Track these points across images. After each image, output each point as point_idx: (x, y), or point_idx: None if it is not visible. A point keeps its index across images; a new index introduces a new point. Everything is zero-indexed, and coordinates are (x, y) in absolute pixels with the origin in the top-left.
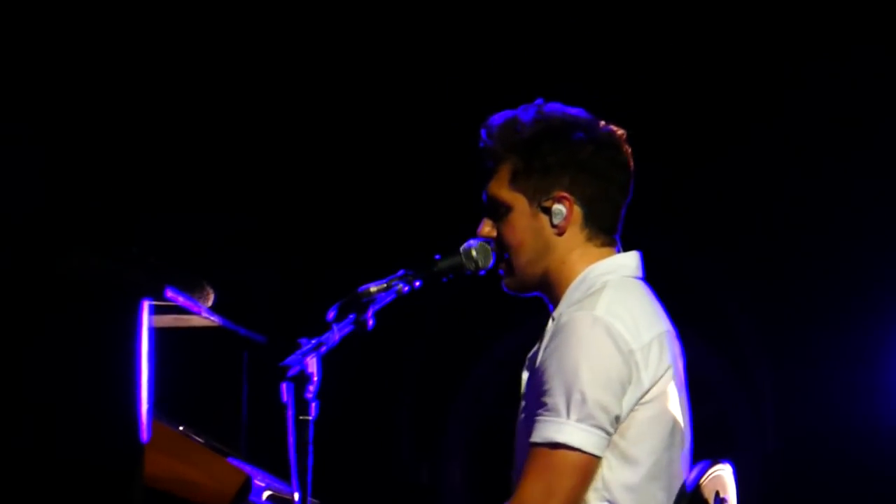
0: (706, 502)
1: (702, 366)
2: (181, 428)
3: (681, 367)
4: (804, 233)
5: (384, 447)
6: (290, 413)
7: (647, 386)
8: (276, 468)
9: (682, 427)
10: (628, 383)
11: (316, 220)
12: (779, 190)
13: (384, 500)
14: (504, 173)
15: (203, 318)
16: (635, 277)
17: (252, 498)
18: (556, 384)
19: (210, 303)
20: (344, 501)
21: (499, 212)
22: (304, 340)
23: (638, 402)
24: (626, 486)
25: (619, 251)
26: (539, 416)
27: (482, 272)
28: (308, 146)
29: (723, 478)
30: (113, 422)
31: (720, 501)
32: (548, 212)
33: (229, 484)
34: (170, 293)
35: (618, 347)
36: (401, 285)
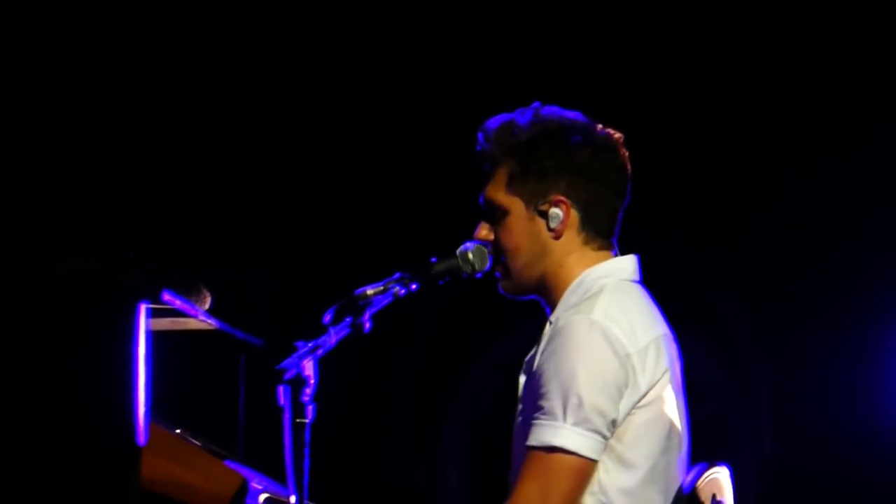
0: None
1: (699, 368)
2: (178, 431)
3: (678, 370)
4: (801, 234)
5: (381, 450)
6: (286, 416)
7: (643, 390)
8: (273, 471)
9: (679, 430)
10: (625, 387)
11: (313, 223)
12: (776, 191)
13: (381, 503)
14: (501, 177)
15: (200, 321)
16: (632, 281)
17: (249, 501)
18: (552, 388)
19: (207, 306)
20: None
21: (496, 215)
22: (300, 343)
23: (635, 406)
24: (622, 489)
25: (616, 254)
26: (536, 420)
27: (478, 275)
28: (304, 148)
29: (719, 480)
30: (110, 424)
31: None
32: (544, 215)
33: (226, 487)
34: (167, 296)
35: (615, 351)
36: (397, 288)
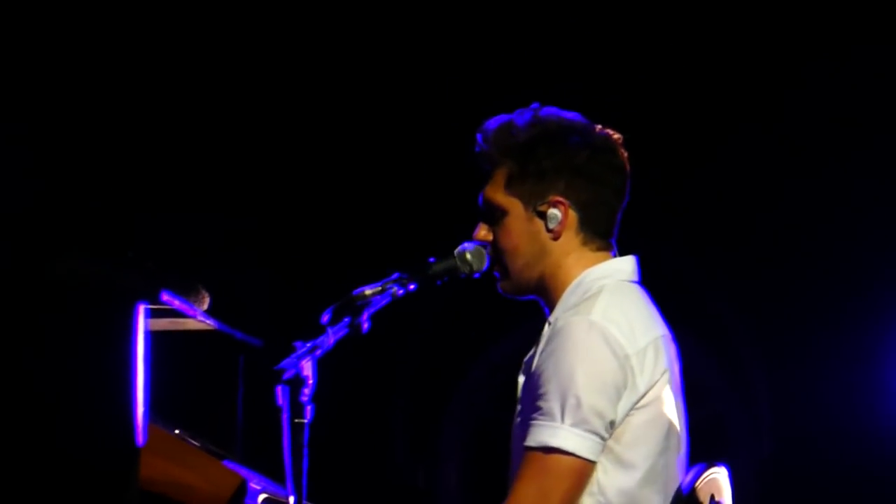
0: None
1: (697, 368)
2: (177, 431)
3: (677, 370)
4: (800, 234)
5: (379, 450)
6: (285, 416)
7: (642, 391)
8: (272, 471)
9: (678, 431)
10: (623, 388)
11: (311, 223)
12: (775, 191)
13: (379, 503)
14: (500, 177)
15: (198, 321)
16: (631, 282)
17: (247, 501)
18: (551, 388)
19: (205, 306)
20: None
21: (494, 216)
22: (299, 344)
23: (633, 407)
24: (621, 490)
25: (614, 255)
26: (534, 420)
27: (476, 275)
28: (303, 149)
29: (718, 481)
30: (109, 425)
31: None
32: (543, 216)
33: (225, 487)
34: (165, 297)
35: (613, 352)
36: (395, 288)
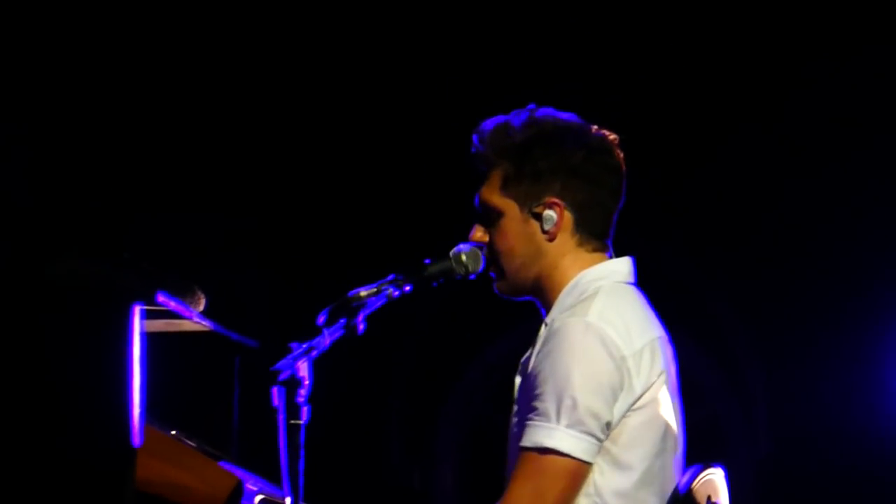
0: None
1: (693, 369)
2: (173, 432)
3: (674, 371)
4: (798, 234)
5: (375, 451)
6: (281, 417)
7: (638, 392)
8: (268, 472)
9: (675, 432)
10: (620, 390)
11: (307, 224)
12: (773, 192)
13: None
14: (495, 179)
15: (194, 322)
16: (628, 283)
17: (244, 502)
18: (547, 389)
19: (201, 307)
20: None
21: (490, 217)
22: (295, 345)
23: (630, 409)
24: (617, 491)
25: (610, 256)
26: (529, 421)
27: (472, 277)
28: (299, 150)
29: (715, 482)
30: (105, 426)
31: None
32: (539, 217)
33: (221, 488)
34: (161, 298)
35: (610, 354)
36: (391, 289)
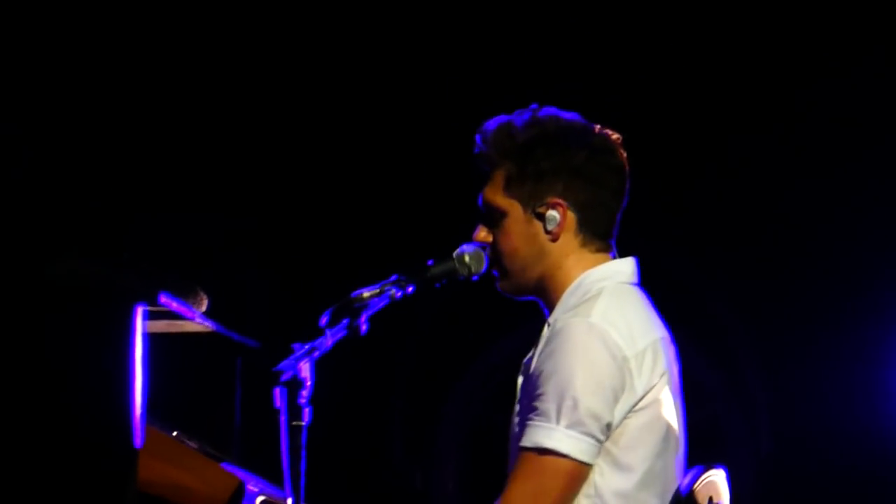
0: None
1: (695, 370)
2: (175, 433)
3: (676, 372)
4: (800, 235)
5: (377, 452)
6: (283, 418)
7: (640, 393)
8: (270, 473)
9: (676, 433)
10: (621, 391)
11: (309, 224)
12: (774, 192)
13: None
14: (499, 179)
15: (197, 323)
16: (631, 283)
17: (245, 503)
18: (548, 389)
19: (204, 308)
20: None
21: (493, 217)
22: (297, 345)
23: (631, 410)
24: (618, 492)
25: (614, 256)
26: (530, 421)
27: (475, 277)
28: (302, 150)
29: (716, 483)
30: (106, 426)
31: None
32: (542, 218)
33: (222, 489)
34: (163, 298)
35: (612, 355)
36: (394, 290)
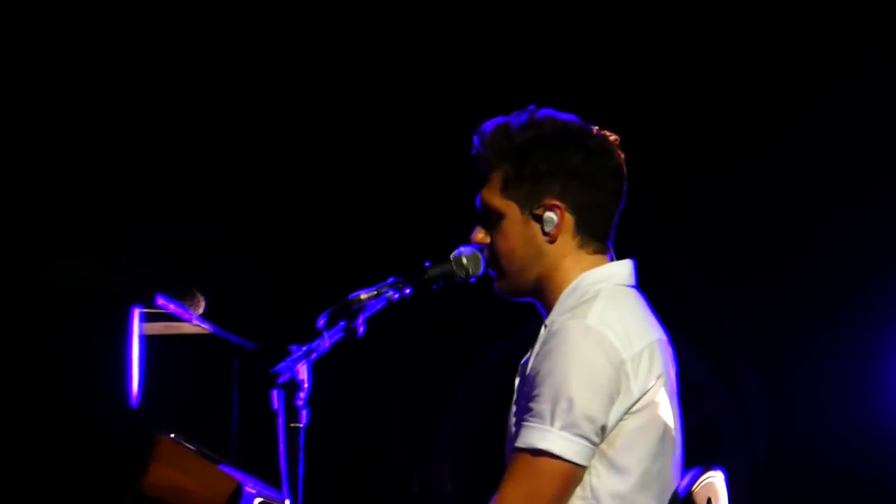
0: None
1: (691, 371)
2: (172, 435)
3: (673, 374)
4: (795, 235)
5: (374, 454)
6: (280, 420)
7: (636, 396)
8: (267, 475)
9: (673, 435)
10: (617, 394)
11: (307, 226)
12: (771, 193)
13: None
14: (496, 180)
15: (193, 325)
16: (628, 286)
17: None
18: (544, 390)
19: (201, 310)
20: None
21: (491, 219)
22: (294, 347)
23: (627, 412)
24: (614, 494)
25: (611, 258)
26: (525, 422)
27: (473, 279)
28: (299, 151)
29: (714, 485)
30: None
31: None
32: (539, 219)
33: (220, 491)
34: (161, 301)
35: (608, 357)
36: (391, 292)
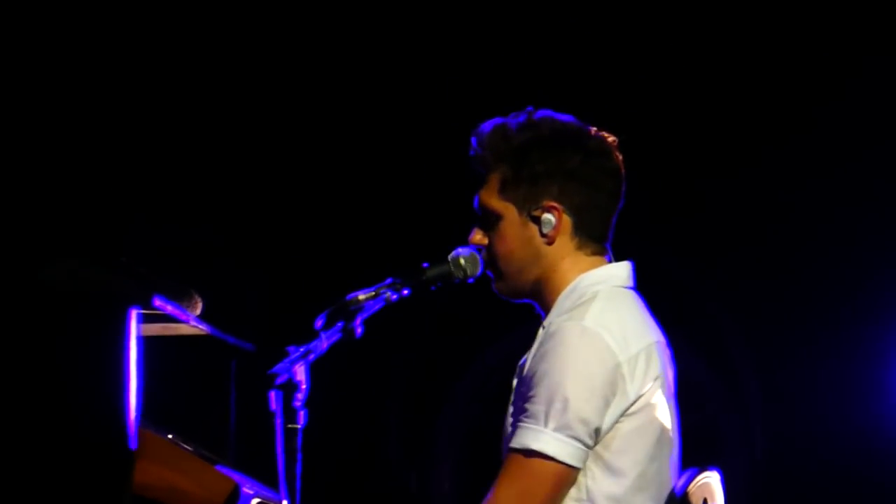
0: None
1: (690, 372)
2: (170, 436)
3: (671, 376)
4: (794, 235)
5: (372, 454)
6: (278, 421)
7: (632, 398)
8: (265, 476)
9: (670, 436)
10: (612, 396)
11: (304, 227)
12: (769, 193)
13: None
14: (494, 182)
15: (191, 326)
16: (626, 287)
17: None
18: (539, 391)
19: (198, 311)
20: None
21: (489, 220)
22: (292, 348)
23: (623, 414)
24: (610, 496)
25: (609, 259)
26: (520, 422)
27: (470, 280)
28: (296, 153)
29: (711, 485)
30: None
31: None
32: (537, 221)
33: (218, 492)
34: (158, 302)
35: (604, 359)
36: (389, 293)
